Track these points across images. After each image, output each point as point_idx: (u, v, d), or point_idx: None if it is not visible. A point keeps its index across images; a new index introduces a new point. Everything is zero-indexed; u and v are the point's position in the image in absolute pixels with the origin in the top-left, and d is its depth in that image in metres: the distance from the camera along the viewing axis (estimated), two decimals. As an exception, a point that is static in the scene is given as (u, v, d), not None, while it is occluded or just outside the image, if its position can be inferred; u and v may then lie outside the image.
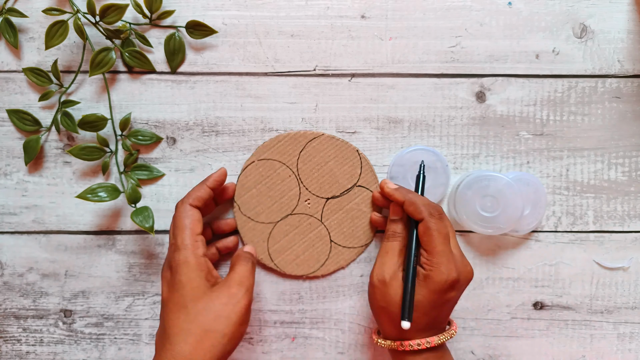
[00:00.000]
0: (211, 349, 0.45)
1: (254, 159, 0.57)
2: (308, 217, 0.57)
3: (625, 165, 0.58)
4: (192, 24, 0.56)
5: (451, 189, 0.58)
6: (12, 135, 0.58)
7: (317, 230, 0.57)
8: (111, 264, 0.59)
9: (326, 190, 0.57)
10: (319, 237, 0.57)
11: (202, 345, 0.45)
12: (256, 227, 0.57)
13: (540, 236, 0.59)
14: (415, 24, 0.57)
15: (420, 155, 0.57)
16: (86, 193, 0.55)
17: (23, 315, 0.59)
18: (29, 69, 0.56)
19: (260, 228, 0.57)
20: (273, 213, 0.57)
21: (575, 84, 0.58)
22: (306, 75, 0.58)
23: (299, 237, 0.57)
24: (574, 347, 0.59)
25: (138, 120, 0.58)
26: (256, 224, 0.57)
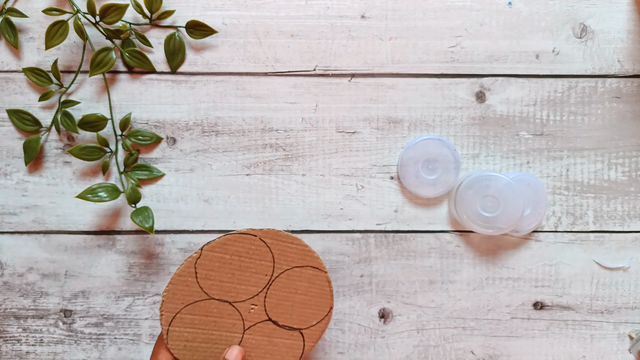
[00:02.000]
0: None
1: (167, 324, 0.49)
2: (235, 313, 0.50)
3: (625, 165, 0.58)
4: (192, 24, 0.56)
5: (452, 189, 0.58)
6: (12, 135, 0.58)
7: (229, 334, 0.50)
8: (111, 264, 0.59)
9: (252, 289, 0.50)
10: (225, 341, 0.50)
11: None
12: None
13: (540, 236, 0.59)
14: (415, 24, 0.57)
15: (430, 144, 0.57)
16: (86, 193, 0.55)
17: (23, 315, 0.59)
18: (29, 69, 0.56)
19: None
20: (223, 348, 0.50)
21: (575, 84, 0.58)
22: (306, 75, 0.58)
23: (206, 325, 0.50)
24: (574, 347, 0.59)
25: (138, 120, 0.58)
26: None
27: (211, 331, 0.50)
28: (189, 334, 0.49)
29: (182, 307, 0.49)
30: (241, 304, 0.50)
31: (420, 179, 0.57)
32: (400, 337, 0.59)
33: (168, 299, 0.49)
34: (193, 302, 0.49)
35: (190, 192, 0.58)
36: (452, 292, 0.59)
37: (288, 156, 0.58)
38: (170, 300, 0.49)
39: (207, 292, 0.50)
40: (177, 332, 0.49)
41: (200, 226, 0.58)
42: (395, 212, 0.58)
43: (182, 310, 0.49)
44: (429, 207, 0.59)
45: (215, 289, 0.50)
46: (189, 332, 0.49)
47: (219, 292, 0.50)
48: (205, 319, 0.50)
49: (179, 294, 0.49)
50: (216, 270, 0.49)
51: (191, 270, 0.49)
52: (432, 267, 0.59)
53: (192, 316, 0.49)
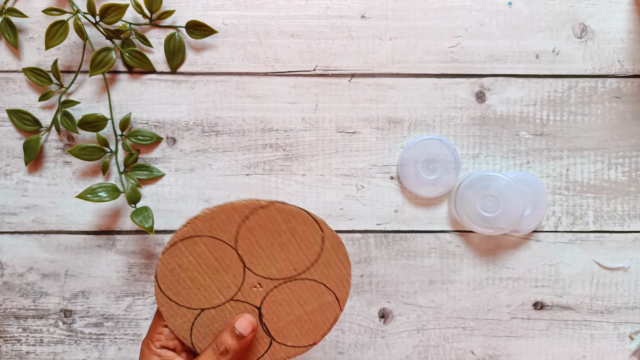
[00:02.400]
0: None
1: (180, 238, 0.46)
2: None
3: (625, 165, 0.58)
4: (192, 24, 0.56)
5: (452, 189, 0.58)
6: (12, 135, 0.58)
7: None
8: (111, 264, 0.59)
9: (273, 271, 0.47)
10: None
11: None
12: (179, 311, 0.47)
13: (540, 236, 0.59)
14: (415, 24, 0.57)
15: (430, 144, 0.57)
16: (86, 193, 0.55)
17: (23, 315, 0.59)
18: (29, 69, 0.56)
19: (183, 313, 0.47)
20: (203, 298, 0.47)
21: (575, 84, 0.58)
22: (306, 75, 0.58)
23: (207, 267, 0.47)
24: (574, 347, 0.59)
25: (138, 120, 0.58)
26: (180, 308, 0.47)
27: (206, 276, 0.46)
28: (188, 262, 0.46)
29: (206, 235, 0.46)
30: (251, 275, 0.47)
31: (420, 179, 0.57)
32: (400, 337, 0.59)
33: (203, 219, 0.45)
34: (219, 238, 0.46)
35: (190, 192, 0.58)
36: (452, 292, 0.59)
37: (288, 156, 0.58)
38: (203, 221, 0.46)
39: (237, 241, 0.46)
40: (180, 252, 0.46)
41: (200, 226, 0.58)
42: (395, 212, 0.58)
43: (204, 237, 0.46)
44: (429, 207, 0.59)
45: (245, 245, 0.46)
46: (189, 261, 0.46)
47: (245, 249, 0.46)
48: (213, 261, 0.46)
49: (215, 221, 0.46)
50: (261, 231, 0.46)
51: (245, 212, 0.46)
52: (432, 267, 0.59)
53: (205, 250, 0.46)
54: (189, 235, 0.46)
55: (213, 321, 0.47)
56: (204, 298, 0.47)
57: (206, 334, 0.47)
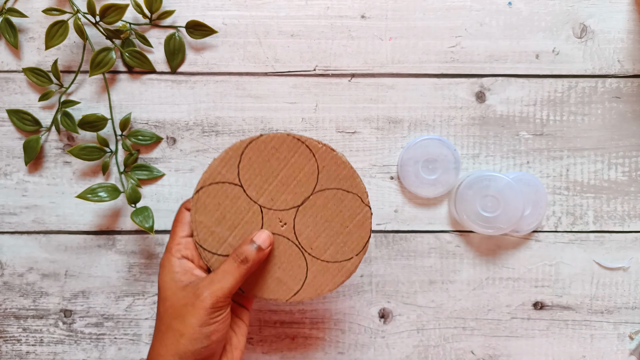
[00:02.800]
0: (172, 347, 0.45)
1: (198, 188, 0.49)
2: (280, 238, 0.49)
3: (625, 165, 0.58)
4: (192, 24, 0.56)
5: (452, 189, 0.58)
6: (12, 135, 0.58)
7: (291, 250, 0.49)
8: (111, 264, 0.59)
9: (287, 201, 0.49)
10: (293, 256, 0.49)
11: (165, 342, 0.46)
12: (219, 259, 0.49)
13: (540, 236, 0.59)
14: (415, 24, 0.57)
15: (430, 144, 0.57)
16: (86, 193, 0.55)
17: (23, 315, 0.59)
18: (29, 69, 0.56)
19: (222, 259, 0.49)
20: (233, 240, 0.49)
21: (575, 84, 0.58)
22: (306, 75, 0.58)
23: (272, 261, 0.49)
24: (574, 347, 0.59)
25: (138, 120, 0.58)
26: (222, 258, 0.49)
27: (229, 215, 0.49)
28: (214, 204, 0.49)
29: (218, 182, 0.48)
30: (268, 212, 0.49)
31: (420, 179, 0.57)
32: (400, 337, 0.59)
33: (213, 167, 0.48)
34: (227, 181, 0.49)
35: (190, 192, 0.58)
36: (452, 292, 0.59)
37: (288, 156, 0.58)
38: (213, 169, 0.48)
39: (243, 184, 0.49)
40: (205, 197, 0.49)
41: (200, 226, 0.58)
42: (395, 212, 0.58)
43: (216, 184, 0.49)
44: (429, 207, 0.59)
45: (251, 184, 0.49)
46: (214, 204, 0.49)
47: (253, 189, 0.49)
48: (231, 205, 0.49)
49: (219, 168, 0.48)
50: (257, 166, 0.48)
51: (238, 152, 0.48)
52: (432, 267, 0.59)
53: (223, 195, 0.49)
54: (204, 185, 0.49)
55: None
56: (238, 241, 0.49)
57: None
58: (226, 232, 0.49)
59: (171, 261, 0.48)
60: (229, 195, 0.48)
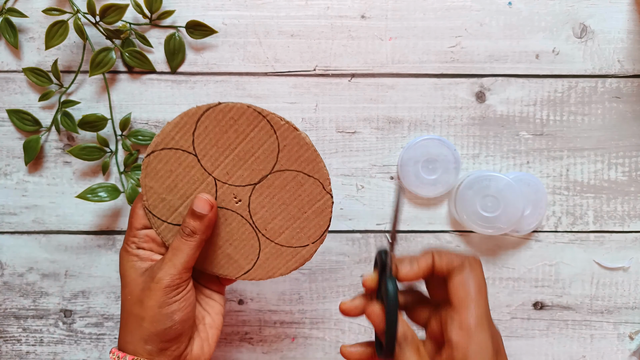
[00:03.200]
0: (136, 332, 0.45)
1: (149, 151, 0.46)
2: (234, 215, 0.47)
3: (625, 165, 0.58)
4: (192, 24, 0.56)
5: (452, 189, 0.58)
6: (12, 135, 0.58)
7: (244, 228, 0.47)
8: (111, 264, 0.59)
9: (243, 177, 0.47)
10: (246, 235, 0.48)
11: (129, 329, 0.46)
12: (173, 229, 0.48)
13: (540, 236, 0.59)
14: (415, 24, 0.57)
15: (430, 144, 0.57)
16: (86, 193, 0.55)
17: (23, 315, 0.59)
18: (29, 69, 0.56)
19: (172, 228, 0.48)
20: (184, 210, 0.47)
21: (575, 84, 0.58)
22: (306, 75, 0.58)
23: (224, 237, 0.48)
24: (574, 347, 0.59)
25: (138, 120, 0.58)
26: (172, 227, 0.47)
27: (180, 183, 0.47)
28: (164, 172, 0.47)
29: (170, 148, 0.46)
30: (223, 186, 0.47)
31: (420, 179, 0.57)
32: (400, 337, 0.59)
33: (162, 134, 0.46)
34: (181, 148, 0.46)
35: (190, 192, 0.58)
36: (452, 292, 0.59)
37: (288, 156, 0.58)
38: (162, 136, 0.46)
39: (197, 153, 0.46)
40: (155, 164, 0.47)
41: (200, 226, 0.58)
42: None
43: (168, 150, 0.46)
44: (429, 207, 0.59)
45: (205, 154, 0.46)
46: (165, 171, 0.47)
47: (207, 159, 0.46)
48: (183, 174, 0.47)
49: (172, 133, 0.46)
50: (214, 137, 0.46)
51: (194, 119, 0.46)
52: (432, 267, 0.59)
53: (173, 162, 0.46)
54: (156, 149, 0.46)
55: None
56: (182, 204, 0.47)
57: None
58: (177, 201, 0.47)
59: (129, 251, 0.47)
60: (182, 163, 0.46)
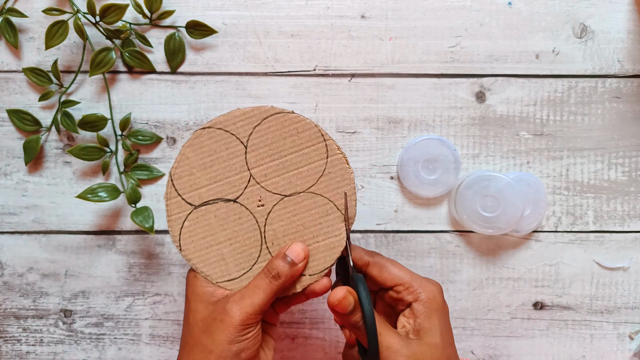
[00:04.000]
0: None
1: (207, 126, 0.46)
2: (249, 216, 0.46)
3: (625, 165, 0.58)
4: (192, 24, 0.56)
5: (452, 189, 0.58)
6: (12, 135, 0.58)
7: (252, 234, 0.47)
8: (111, 264, 0.59)
9: (278, 185, 0.46)
10: (250, 242, 0.47)
11: (193, 357, 0.44)
12: (181, 206, 0.47)
13: (540, 236, 0.59)
14: (415, 24, 0.57)
15: (430, 144, 0.57)
16: (86, 193, 0.55)
17: (23, 315, 0.59)
18: (29, 69, 0.56)
19: (183, 205, 0.46)
20: (205, 193, 0.46)
21: (575, 84, 0.58)
22: (306, 75, 0.58)
23: (227, 235, 0.47)
24: (574, 347, 0.59)
25: (138, 120, 0.58)
26: (182, 203, 0.46)
27: (216, 166, 0.46)
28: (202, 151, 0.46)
29: (221, 129, 0.46)
30: (254, 188, 0.46)
31: (420, 179, 0.57)
32: (400, 337, 0.59)
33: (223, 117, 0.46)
34: (232, 132, 0.46)
35: (190, 192, 0.58)
36: (452, 292, 0.59)
37: (288, 156, 0.58)
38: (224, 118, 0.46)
39: (248, 146, 0.46)
40: (199, 142, 0.46)
41: (200, 226, 0.58)
42: (395, 212, 0.58)
43: (219, 130, 0.46)
44: (429, 207, 0.59)
45: (255, 152, 0.46)
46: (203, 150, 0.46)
47: (255, 157, 0.46)
48: (223, 156, 0.46)
49: (232, 120, 0.46)
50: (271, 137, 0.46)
51: (261, 116, 0.46)
52: (432, 267, 0.59)
53: (219, 140, 0.46)
54: (214, 126, 0.46)
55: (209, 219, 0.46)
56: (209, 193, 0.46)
57: (196, 234, 0.46)
58: (204, 181, 0.46)
59: (198, 276, 0.46)
60: (229, 148, 0.46)
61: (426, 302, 0.44)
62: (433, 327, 0.44)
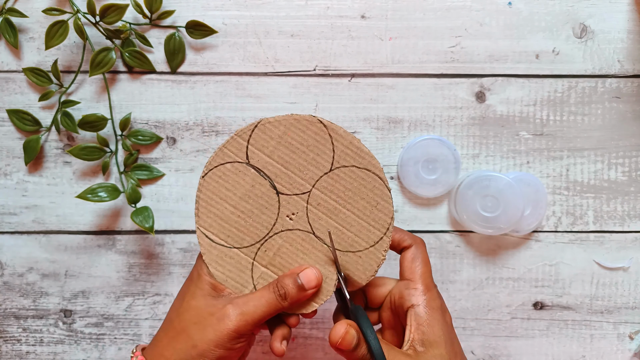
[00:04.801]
0: (180, 352, 0.42)
1: (212, 166, 0.45)
2: (298, 232, 0.45)
3: (625, 165, 0.58)
4: (192, 24, 0.56)
5: (452, 189, 0.58)
6: (12, 135, 0.58)
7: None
8: (111, 264, 0.59)
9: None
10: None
11: (174, 344, 0.42)
12: (232, 255, 0.45)
13: (540, 236, 0.59)
14: (415, 24, 0.57)
15: (430, 144, 0.57)
16: (86, 193, 0.55)
17: (23, 315, 0.59)
18: (29, 69, 0.56)
19: (236, 257, 0.45)
20: (250, 233, 0.45)
21: (575, 84, 0.58)
22: (306, 75, 0.58)
23: (295, 255, 0.45)
24: (574, 347, 0.59)
25: (138, 120, 0.58)
26: (231, 251, 0.45)
27: (244, 215, 0.45)
28: (219, 205, 0.45)
29: (224, 163, 0.44)
30: (284, 198, 0.45)
31: (420, 179, 0.57)
32: (400, 337, 0.59)
33: (214, 159, 0.44)
34: (234, 161, 0.44)
35: (190, 192, 0.58)
36: (452, 292, 0.59)
37: (288, 156, 0.58)
38: (214, 160, 0.44)
39: (253, 164, 0.44)
40: (209, 196, 0.44)
41: (200, 226, 0.58)
42: (395, 212, 0.58)
43: (222, 165, 0.44)
44: (429, 207, 0.59)
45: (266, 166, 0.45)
46: (219, 203, 0.45)
47: (269, 171, 0.45)
48: (243, 188, 0.45)
49: (225, 154, 0.44)
50: (271, 146, 0.44)
51: (245, 136, 0.44)
52: (433, 267, 0.59)
53: (230, 176, 0.44)
54: (218, 164, 0.45)
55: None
56: (254, 233, 0.45)
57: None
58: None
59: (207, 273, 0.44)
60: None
61: (426, 304, 0.44)
62: (437, 337, 0.43)
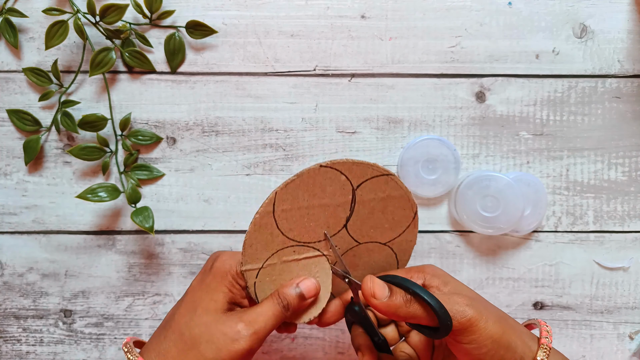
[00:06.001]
0: (177, 355, 0.42)
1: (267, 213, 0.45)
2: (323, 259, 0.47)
3: (625, 165, 0.58)
4: (192, 24, 0.56)
5: (452, 189, 0.58)
6: (12, 135, 0.58)
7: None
8: (111, 264, 0.59)
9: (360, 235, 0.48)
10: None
11: (171, 352, 0.42)
12: (273, 232, 0.46)
13: (540, 236, 0.59)
14: (415, 24, 0.57)
15: (430, 144, 0.57)
16: (86, 193, 0.55)
17: (23, 315, 0.59)
18: (29, 69, 0.56)
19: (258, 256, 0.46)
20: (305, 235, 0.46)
21: (575, 84, 0.58)
22: (306, 75, 0.58)
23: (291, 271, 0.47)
24: (574, 347, 0.59)
25: (138, 120, 0.58)
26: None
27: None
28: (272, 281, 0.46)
29: (267, 258, 0.45)
30: (343, 233, 0.47)
31: (420, 179, 0.57)
32: (400, 337, 0.59)
33: (248, 250, 0.45)
34: (276, 250, 0.45)
35: (190, 192, 0.58)
36: (452, 292, 0.59)
37: (288, 156, 0.58)
38: (251, 251, 0.45)
39: (287, 235, 0.45)
40: (264, 282, 0.46)
41: (200, 226, 0.58)
42: (395, 212, 0.58)
43: (267, 261, 0.45)
44: (429, 207, 0.59)
45: (294, 231, 0.45)
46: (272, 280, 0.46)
47: (300, 234, 0.46)
48: (289, 264, 0.46)
49: (259, 242, 0.45)
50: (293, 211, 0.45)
51: (269, 209, 0.44)
52: (432, 267, 0.59)
53: (276, 265, 0.46)
54: (257, 271, 0.45)
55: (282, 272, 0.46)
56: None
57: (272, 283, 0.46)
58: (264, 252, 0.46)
59: (231, 276, 0.45)
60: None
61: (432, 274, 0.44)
62: (452, 287, 0.43)
